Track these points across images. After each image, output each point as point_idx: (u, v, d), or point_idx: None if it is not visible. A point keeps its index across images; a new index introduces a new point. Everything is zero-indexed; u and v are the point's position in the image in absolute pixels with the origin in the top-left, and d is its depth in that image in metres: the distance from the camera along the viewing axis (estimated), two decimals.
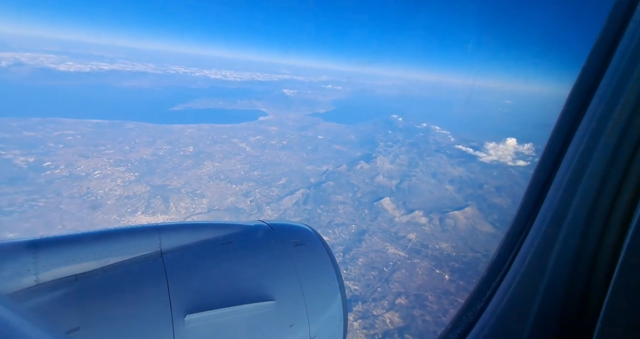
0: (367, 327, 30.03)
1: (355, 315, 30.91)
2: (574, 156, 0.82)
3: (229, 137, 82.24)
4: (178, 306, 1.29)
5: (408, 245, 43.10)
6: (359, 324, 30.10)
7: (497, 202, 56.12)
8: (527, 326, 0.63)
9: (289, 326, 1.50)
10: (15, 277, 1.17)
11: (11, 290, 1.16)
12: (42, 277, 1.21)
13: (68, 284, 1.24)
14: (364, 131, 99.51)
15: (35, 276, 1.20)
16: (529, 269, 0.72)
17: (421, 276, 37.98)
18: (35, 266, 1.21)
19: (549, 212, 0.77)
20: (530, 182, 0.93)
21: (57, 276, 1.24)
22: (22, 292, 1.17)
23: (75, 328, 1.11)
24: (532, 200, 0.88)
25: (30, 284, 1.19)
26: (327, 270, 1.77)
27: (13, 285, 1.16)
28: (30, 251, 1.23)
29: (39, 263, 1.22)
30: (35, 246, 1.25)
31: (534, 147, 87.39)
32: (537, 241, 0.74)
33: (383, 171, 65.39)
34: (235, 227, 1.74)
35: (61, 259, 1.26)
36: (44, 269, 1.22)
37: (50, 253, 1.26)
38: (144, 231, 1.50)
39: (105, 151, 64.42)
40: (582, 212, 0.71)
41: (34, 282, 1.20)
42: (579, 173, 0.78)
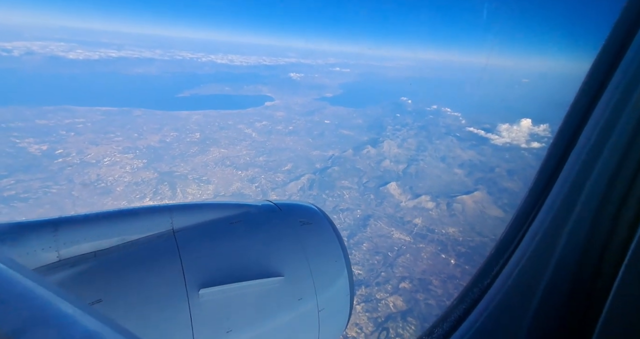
0: (370, 310, 30.34)
1: (359, 299, 31.21)
2: (587, 141, 0.79)
3: (235, 123, 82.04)
4: (192, 281, 1.37)
5: (414, 230, 42.74)
6: (361, 307, 30.42)
7: (508, 186, 54.58)
8: (532, 306, 0.63)
9: (297, 300, 1.59)
10: (37, 253, 1.25)
11: (34, 266, 1.24)
12: (63, 253, 1.30)
13: (88, 260, 1.33)
14: (372, 114, 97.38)
15: (57, 252, 1.29)
16: (535, 252, 0.70)
17: (426, 261, 37.78)
18: (56, 243, 1.29)
19: (559, 197, 0.74)
20: (541, 165, 0.89)
21: (77, 253, 1.33)
22: (46, 267, 1.25)
23: (98, 301, 1.20)
24: (542, 184, 0.84)
25: (53, 260, 1.28)
26: (333, 247, 1.83)
27: (36, 261, 1.25)
28: (50, 229, 1.31)
29: (59, 240, 1.30)
30: (55, 225, 1.33)
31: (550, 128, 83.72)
32: (545, 225, 0.72)
33: (390, 156, 64.27)
34: (244, 207, 1.80)
35: (80, 236, 1.35)
36: (64, 246, 1.30)
37: (70, 231, 1.34)
38: (157, 210, 1.57)
39: (115, 138, 65.47)
40: (594, 200, 0.68)
41: (56, 258, 1.28)
42: (592, 159, 0.76)
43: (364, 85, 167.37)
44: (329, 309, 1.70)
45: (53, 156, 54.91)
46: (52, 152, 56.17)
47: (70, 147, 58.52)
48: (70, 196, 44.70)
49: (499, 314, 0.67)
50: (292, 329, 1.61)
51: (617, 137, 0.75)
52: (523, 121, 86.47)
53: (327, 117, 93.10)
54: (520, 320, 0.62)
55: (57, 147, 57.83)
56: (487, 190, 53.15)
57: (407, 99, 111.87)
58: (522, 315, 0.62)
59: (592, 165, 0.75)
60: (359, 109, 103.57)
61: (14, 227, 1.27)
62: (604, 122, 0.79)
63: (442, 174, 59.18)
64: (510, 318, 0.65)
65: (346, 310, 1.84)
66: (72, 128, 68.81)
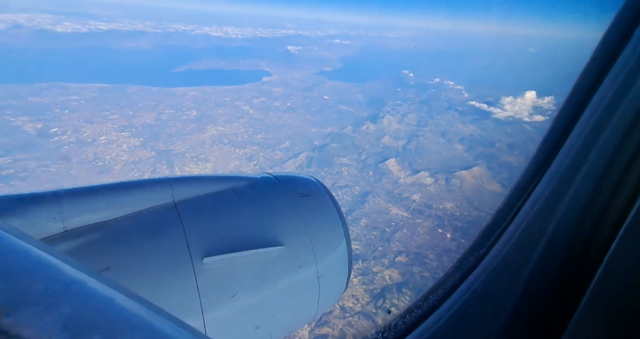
0: (366, 283, 31.37)
1: (355, 272, 32.19)
2: (593, 115, 0.77)
3: (232, 99, 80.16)
4: (196, 251, 1.44)
5: (412, 206, 43.12)
6: (358, 280, 31.41)
7: (508, 161, 54.28)
8: (524, 275, 0.64)
9: (298, 267, 1.68)
10: (43, 224, 1.28)
11: (40, 236, 1.28)
12: (69, 224, 1.34)
13: (93, 231, 1.37)
14: (372, 89, 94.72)
15: (62, 223, 1.33)
16: (532, 223, 0.71)
17: (423, 236, 38.47)
18: (61, 215, 1.32)
19: (558, 172, 0.74)
20: (543, 139, 0.88)
21: (82, 224, 1.37)
22: (52, 237, 1.30)
23: (106, 268, 1.27)
24: (542, 158, 0.83)
25: (59, 231, 1.32)
26: (332, 218, 1.88)
27: (42, 232, 1.28)
28: (54, 200, 1.33)
29: (64, 211, 1.33)
30: (58, 197, 1.35)
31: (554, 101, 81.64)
32: (544, 197, 0.73)
33: (390, 132, 63.34)
34: (243, 180, 1.83)
35: (84, 208, 1.39)
36: (69, 217, 1.34)
37: (74, 203, 1.37)
38: (157, 183, 1.61)
39: (110, 116, 64.36)
40: (593, 177, 0.68)
41: (62, 229, 1.33)
42: (595, 136, 0.74)
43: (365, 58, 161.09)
44: (328, 276, 1.78)
45: (48, 134, 54.33)
46: (47, 130, 55.51)
47: (65, 125, 57.74)
48: (68, 174, 44.78)
49: (491, 282, 0.68)
50: (294, 294, 1.70)
51: (623, 112, 0.73)
52: (527, 94, 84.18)
53: (326, 92, 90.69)
54: (513, 287, 0.63)
55: (52, 126, 57.07)
56: (487, 165, 52.94)
57: (409, 73, 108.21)
58: (515, 283, 0.63)
59: (594, 143, 0.73)
60: (359, 83, 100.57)
61: (17, 199, 1.29)
62: (610, 96, 0.76)
63: (442, 150, 58.67)
64: (502, 286, 0.67)
65: (344, 276, 1.95)
66: (66, 106, 67.48)
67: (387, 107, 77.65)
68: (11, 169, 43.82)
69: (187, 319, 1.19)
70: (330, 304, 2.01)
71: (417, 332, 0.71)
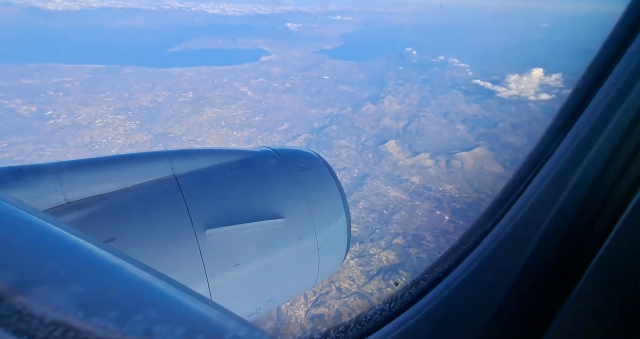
0: (363, 264, 31.65)
1: (352, 254, 32.37)
2: (605, 98, 0.74)
3: (229, 80, 78.09)
4: (198, 223, 1.47)
5: (410, 188, 42.76)
6: (355, 262, 31.68)
7: (511, 141, 53.16)
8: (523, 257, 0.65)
9: (298, 239, 1.75)
10: (44, 196, 1.29)
11: (42, 208, 1.28)
12: (70, 196, 1.35)
13: (95, 202, 1.39)
14: (374, 68, 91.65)
15: (64, 195, 1.33)
16: (529, 212, 0.71)
17: (421, 218, 38.39)
18: (62, 187, 1.33)
19: (564, 155, 0.73)
20: (553, 120, 0.85)
21: (84, 196, 1.38)
22: (55, 209, 1.31)
23: (111, 239, 1.30)
24: (549, 140, 0.81)
25: (61, 203, 1.33)
26: (332, 192, 1.94)
27: (43, 204, 1.28)
28: (53, 172, 1.33)
29: (64, 183, 1.34)
30: (58, 169, 1.36)
31: (562, 78, 78.70)
32: (549, 179, 0.72)
33: (390, 113, 61.84)
34: (243, 153, 1.86)
35: (85, 180, 1.40)
36: (70, 189, 1.35)
37: (74, 175, 1.38)
38: (157, 156, 1.63)
39: (105, 98, 63.13)
40: (599, 162, 0.67)
41: (63, 201, 1.33)
42: (609, 112, 0.71)
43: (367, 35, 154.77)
44: (327, 247, 1.85)
45: (43, 117, 53.59)
46: (42, 113, 54.70)
47: (59, 108, 56.81)
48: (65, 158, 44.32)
49: (483, 271, 0.69)
50: (294, 263, 1.78)
51: (636, 97, 0.70)
52: (534, 71, 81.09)
53: (326, 72, 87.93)
54: (505, 278, 0.64)
55: (46, 108, 56.20)
56: (489, 146, 51.96)
57: (412, 50, 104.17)
58: (514, 264, 0.64)
59: (604, 125, 0.70)
60: (360, 62, 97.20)
61: (17, 171, 1.29)
62: (618, 88, 0.72)
63: (443, 131, 57.45)
64: (494, 275, 0.67)
65: (343, 248, 2.01)
66: (60, 88, 66.15)
67: (389, 87, 75.43)
68: (7, 153, 43.58)
69: (194, 287, 1.22)
70: (330, 273, 2.09)
71: (419, 304, 0.72)
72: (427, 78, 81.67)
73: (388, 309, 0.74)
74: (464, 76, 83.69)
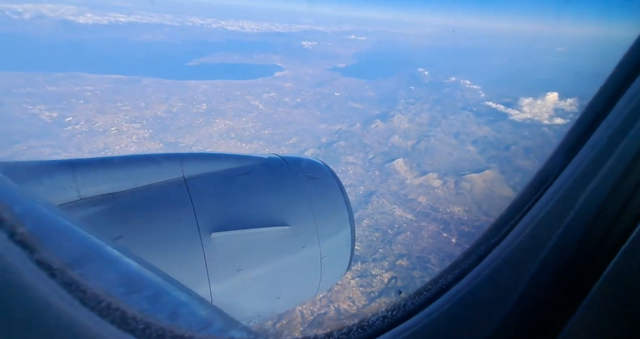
0: (364, 285, 30.59)
1: (354, 274, 31.42)
2: (616, 120, 0.72)
3: (242, 94, 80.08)
4: (204, 225, 1.50)
5: (417, 208, 41.83)
6: (356, 282, 30.69)
7: (522, 165, 51.86)
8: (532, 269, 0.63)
9: (302, 247, 1.75)
10: (59, 191, 1.34)
11: (58, 202, 1.33)
12: (84, 193, 1.40)
13: (107, 200, 1.43)
14: (385, 86, 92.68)
15: (78, 192, 1.38)
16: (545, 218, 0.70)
17: (426, 239, 37.23)
18: (76, 183, 1.38)
19: (577, 170, 0.72)
20: (560, 141, 0.85)
21: (97, 193, 1.43)
22: (68, 204, 1.36)
23: (119, 237, 1.34)
24: (557, 162, 0.81)
25: (74, 199, 1.37)
26: (338, 202, 1.96)
27: (58, 198, 1.34)
28: (67, 169, 1.39)
29: (78, 180, 1.39)
30: (73, 166, 1.41)
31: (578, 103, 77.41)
32: (559, 195, 0.71)
33: (400, 131, 61.72)
34: (252, 160, 1.89)
35: (98, 178, 1.45)
36: (84, 186, 1.40)
37: (88, 173, 1.43)
38: (167, 158, 1.69)
39: (122, 107, 65.43)
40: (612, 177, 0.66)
41: (77, 197, 1.38)
42: (621, 131, 0.69)
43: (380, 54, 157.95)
44: (330, 257, 1.86)
45: (63, 123, 55.69)
46: (62, 119, 56.90)
47: (79, 115, 59.06)
48: None
49: (496, 276, 0.68)
50: (296, 272, 1.79)
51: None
52: (549, 95, 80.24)
53: (338, 89, 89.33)
54: (518, 283, 0.63)
55: (66, 115, 58.49)
56: (500, 169, 50.83)
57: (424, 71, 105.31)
58: (520, 279, 0.64)
59: (615, 146, 0.69)
60: (372, 80, 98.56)
61: (34, 165, 1.34)
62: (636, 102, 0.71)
63: (453, 151, 56.73)
64: (507, 281, 0.67)
65: (346, 259, 2.01)
66: (81, 96, 69.06)
67: (399, 106, 75.77)
68: (25, 156, 45.10)
69: (196, 289, 1.25)
70: (332, 284, 2.07)
71: (421, 314, 0.71)
72: (438, 98, 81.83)
73: (390, 316, 0.74)
74: (476, 98, 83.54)
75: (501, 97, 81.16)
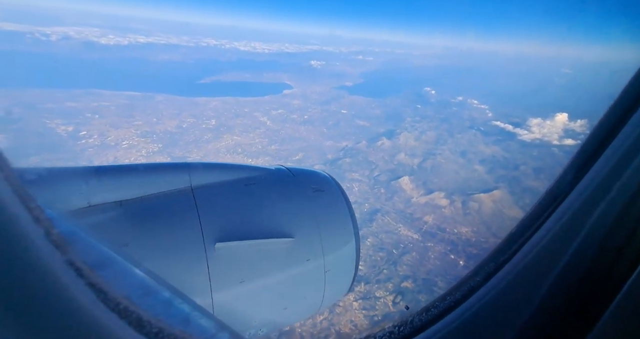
0: (367, 308, 29.41)
1: (356, 295, 30.32)
2: (627, 137, 0.71)
3: (251, 110, 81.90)
4: (209, 235, 1.51)
5: (423, 228, 40.80)
6: (359, 304, 29.56)
7: (532, 186, 50.59)
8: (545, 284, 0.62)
9: (305, 260, 1.73)
10: (70, 198, 1.37)
11: (67, 209, 1.37)
12: (93, 200, 1.43)
13: (115, 208, 1.46)
14: (392, 105, 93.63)
15: (88, 199, 1.41)
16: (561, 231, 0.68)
17: (433, 261, 35.98)
18: (87, 190, 1.42)
19: (593, 182, 0.70)
20: (569, 161, 0.83)
21: (106, 200, 1.46)
22: (78, 212, 1.38)
23: (125, 244, 1.35)
24: (566, 181, 0.78)
25: (84, 206, 1.40)
26: (343, 215, 1.93)
27: (69, 205, 1.37)
28: (81, 177, 1.43)
29: (90, 187, 1.42)
30: (86, 174, 1.45)
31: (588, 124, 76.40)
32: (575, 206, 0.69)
33: (406, 149, 61.53)
34: (258, 170, 1.90)
35: (107, 186, 1.48)
36: (93, 193, 1.43)
37: (99, 180, 1.47)
38: (176, 168, 1.71)
39: (135, 122, 67.42)
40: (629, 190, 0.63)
41: (86, 204, 1.41)
42: (628, 157, 0.68)
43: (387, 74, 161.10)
44: (335, 271, 1.83)
45: (77, 137, 57.49)
46: (77, 133, 58.79)
47: (93, 129, 60.99)
48: None
49: (510, 290, 0.66)
50: (299, 285, 1.77)
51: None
52: (558, 116, 79.58)
53: (344, 106, 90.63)
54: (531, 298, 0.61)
55: (81, 129, 60.47)
56: (509, 189, 49.66)
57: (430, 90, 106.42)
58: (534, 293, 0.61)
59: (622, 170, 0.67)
60: (379, 99, 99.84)
61: (48, 172, 1.37)
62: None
63: (460, 170, 55.94)
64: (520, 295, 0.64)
65: (351, 274, 1.98)
66: (97, 111, 71.65)
67: (405, 124, 76.05)
68: None
69: (197, 299, 1.27)
70: (335, 299, 2.04)
71: (429, 332, 0.68)
72: (445, 117, 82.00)
73: (397, 332, 0.72)
74: (483, 117, 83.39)
75: (509, 117, 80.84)
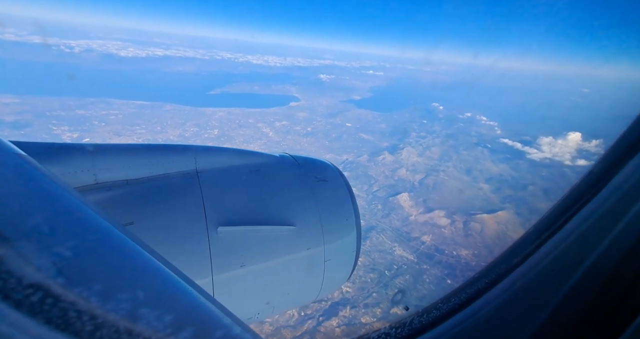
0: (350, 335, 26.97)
1: (340, 321, 28.07)
2: None
3: (255, 121, 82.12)
4: (212, 219, 1.53)
5: (420, 248, 38.38)
6: (341, 331, 27.26)
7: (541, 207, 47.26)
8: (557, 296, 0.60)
9: (306, 249, 1.76)
10: (77, 174, 1.38)
11: (75, 185, 1.38)
12: (101, 177, 1.44)
13: (122, 186, 1.48)
14: (398, 119, 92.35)
15: (95, 176, 1.43)
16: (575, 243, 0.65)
17: (428, 285, 33.39)
18: (94, 168, 1.43)
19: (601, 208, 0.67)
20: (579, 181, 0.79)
21: (112, 179, 1.48)
22: (85, 188, 1.40)
23: (130, 223, 1.37)
24: (573, 201, 0.76)
25: (91, 183, 1.42)
26: (346, 206, 1.94)
27: (75, 181, 1.38)
28: (88, 153, 1.43)
29: (96, 165, 1.43)
30: (93, 150, 1.46)
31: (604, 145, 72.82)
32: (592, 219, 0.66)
33: (408, 164, 59.61)
34: (263, 157, 1.91)
35: (115, 164, 1.49)
36: (101, 171, 1.44)
37: (106, 158, 1.47)
38: (182, 150, 1.72)
39: (138, 130, 68.34)
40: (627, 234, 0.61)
41: (93, 181, 1.43)
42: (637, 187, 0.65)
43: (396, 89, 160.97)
44: (334, 261, 1.86)
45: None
46: (80, 140, 59.54)
47: (96, 136, 61.97)
48: None
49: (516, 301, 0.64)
50: (299, 273, 1.78)
51: None
52: (571, 135, 76.38)
53: (350, 120, 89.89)
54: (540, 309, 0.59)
55: (85, 136, 61.53)
56: (515, 210, 46.81)
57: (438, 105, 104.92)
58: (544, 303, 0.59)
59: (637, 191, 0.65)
60: (385, 113, 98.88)
61: (55, 147, 1.38)
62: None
63: (464, 189, 53.42)
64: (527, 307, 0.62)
65: (350, 264, 2.01)
66: (104, 119, 73.22)
67: (410, 139, 74.36)
68: None
69: (198, 281, 1.29)
70: (334, 288, 2.04)
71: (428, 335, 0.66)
72: (451, 133, 79.94)
73: (394, 334, 0.69)
74: (492, 134, 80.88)
75: (519, 135, 78.12)
